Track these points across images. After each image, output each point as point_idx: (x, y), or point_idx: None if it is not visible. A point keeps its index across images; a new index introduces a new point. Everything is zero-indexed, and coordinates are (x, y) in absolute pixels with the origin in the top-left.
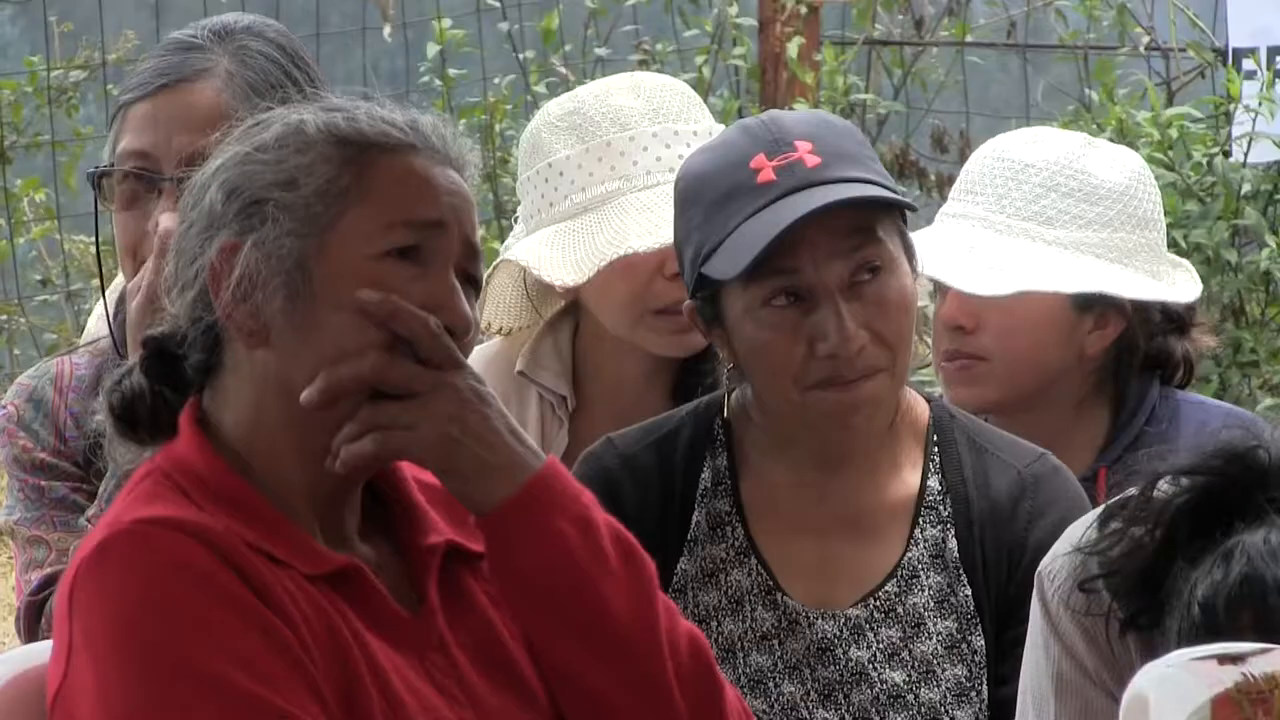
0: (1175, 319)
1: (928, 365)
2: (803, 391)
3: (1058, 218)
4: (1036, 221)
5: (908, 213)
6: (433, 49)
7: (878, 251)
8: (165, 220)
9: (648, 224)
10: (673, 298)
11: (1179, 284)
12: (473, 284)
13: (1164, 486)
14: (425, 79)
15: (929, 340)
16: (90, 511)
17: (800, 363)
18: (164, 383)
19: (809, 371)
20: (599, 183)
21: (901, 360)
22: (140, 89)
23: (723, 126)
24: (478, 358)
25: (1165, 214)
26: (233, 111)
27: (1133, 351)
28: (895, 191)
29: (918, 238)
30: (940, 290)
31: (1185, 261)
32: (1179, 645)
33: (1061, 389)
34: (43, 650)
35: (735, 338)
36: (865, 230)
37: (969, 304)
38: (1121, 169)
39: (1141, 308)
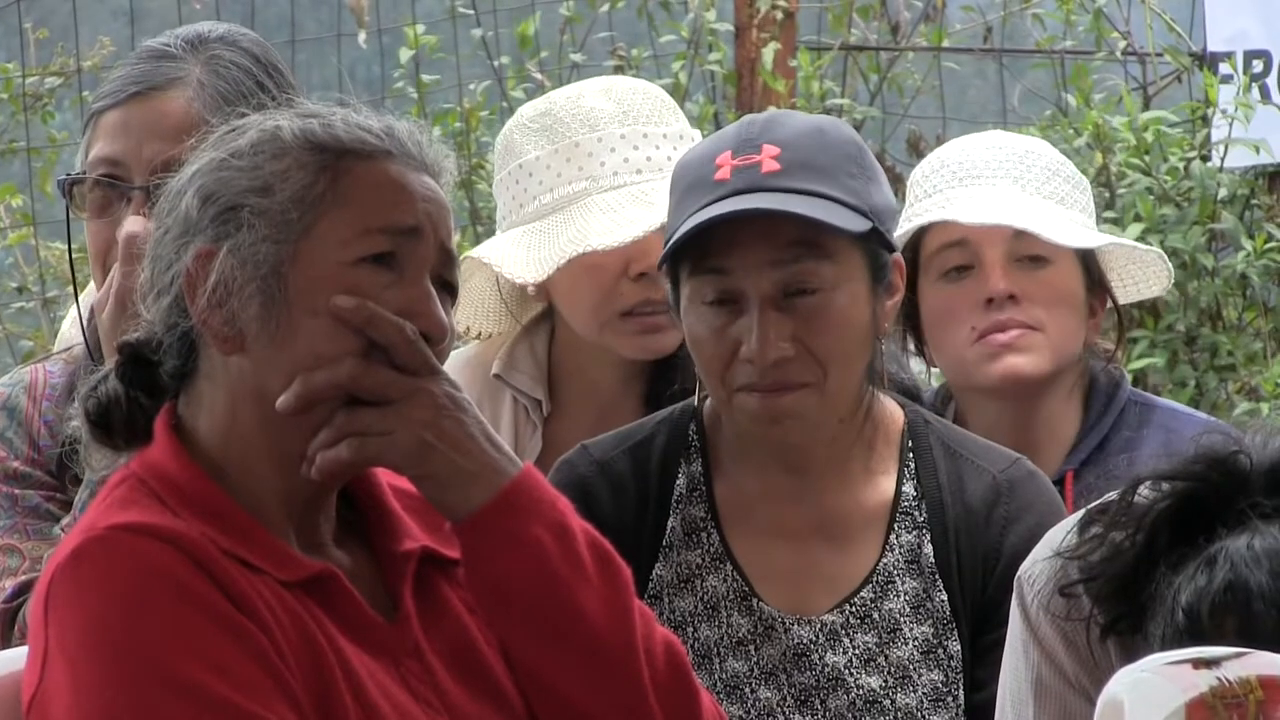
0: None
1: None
2: (729, 393)
3: (1066, 199)
4: (1054, 200)
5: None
6: (406, 54)
7: (817, 268)
8: (130, 225)
9: (610, 223)
10: (639, 298)
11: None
12: (449, 290)
13: (1145, 491)
14: (399, 85)
15: None
16: (65, 521)
17: (726, 364)
18: (139, 388)
19: (734, 374)
20: (566, 183)
21: (836, 378)
22: (112, 97)
23: (698, 131)
24: (454, 361)
25: (1142, 218)
26: (204, 120)
27: (1116, 341)
28: (865, 213)
29: (944, 213)
30: (946, 281)
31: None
32: (1162, 650)
33: (1067, 375)
34: (18, 656)
35: (684, 328)
36: (808, 245)
37: (1014, 274)
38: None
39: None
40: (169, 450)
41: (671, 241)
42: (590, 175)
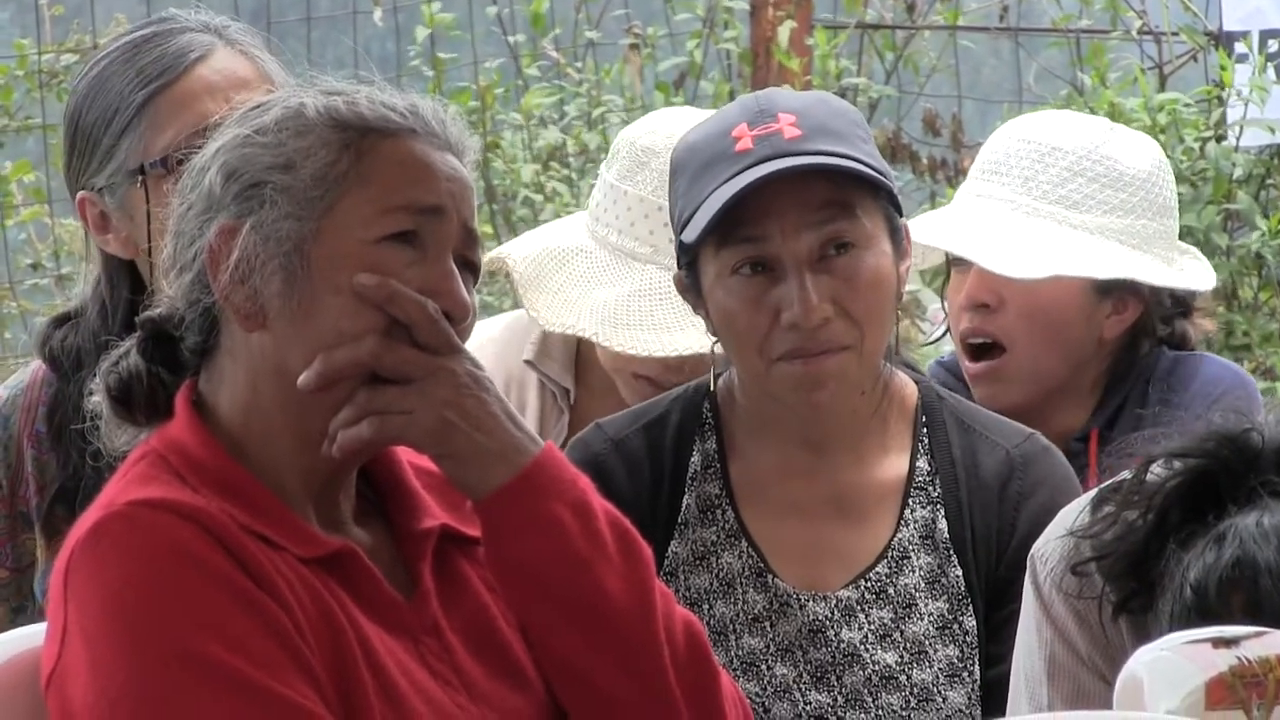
0: (1180, 302)
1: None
2: (768, 363)
3: (1083, 202)
4: (1063, 205)
5: (898, 197)
6: (422, 33)
7: (850, 227)
8: None
9: (639, 314)
10: (652, 371)
11: (1189, 270)
12: (471, 269)
13: (1157, 470)
14: (415, 63)
15: (923, 326)
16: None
17: (764, 334)
18: (161, 364)
19: (773, 343)
20: (633, 238)
21: (871, 339)
22: (168, 73)
23: None
24: (480, 333)
25: None
26: (268, 76)
27: (1148, 335)
28: (881, 174)
29: (939, 216)
30: (957, 271)
31: (1193, 249)
32: (1171, 628)
33: (1080, 376)
34: (37, 633)
35: (710, 307)
36: (839, 204)
37: (992, 282)
38: (1145, 157)
39: (1155, 292)
40: (189, 426)
41: (712, 215)
42: (655, 245)
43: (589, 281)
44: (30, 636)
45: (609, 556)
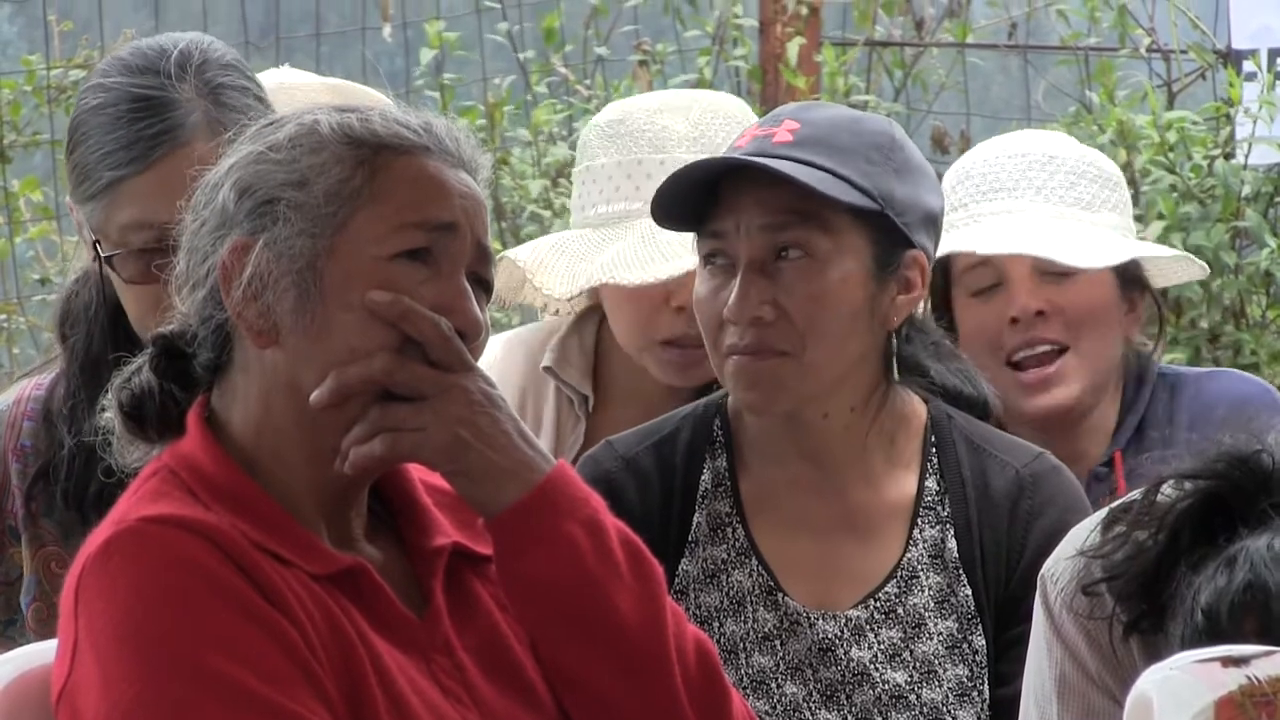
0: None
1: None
2: (721, 359)
3: (1093, 202)
4: (1079, 206)
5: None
6: (427, 54)
7: (807, 237)
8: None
9: (647, 256)
10: (678, 331)
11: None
12: (484, 287)
13: (1167, 490)
14: (420, 82)
15: None
16: None
17: (717, 326)
18: (173, 380)
19: (723, 338)
20: (622, 199)
21: (814, 351)
22: (132, 165)
23: None
24: (502, 342)
25: (1164, 216)
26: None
27: (1157, 334)
28: (870, 195)
29: (971, 232)
30: (978, 300)
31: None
32: (1182, 650)
33: (1114, 375)
34: (48, 649)
35: None
36: (800, 213)
37: (1041, 291)
38: (1106, 159)
39: (1152, 292)
40: (201, 443)
41: (657, 192)
42: (645, 198)
43: (591, 250)
44: (41, 653)
45: (621, 575)
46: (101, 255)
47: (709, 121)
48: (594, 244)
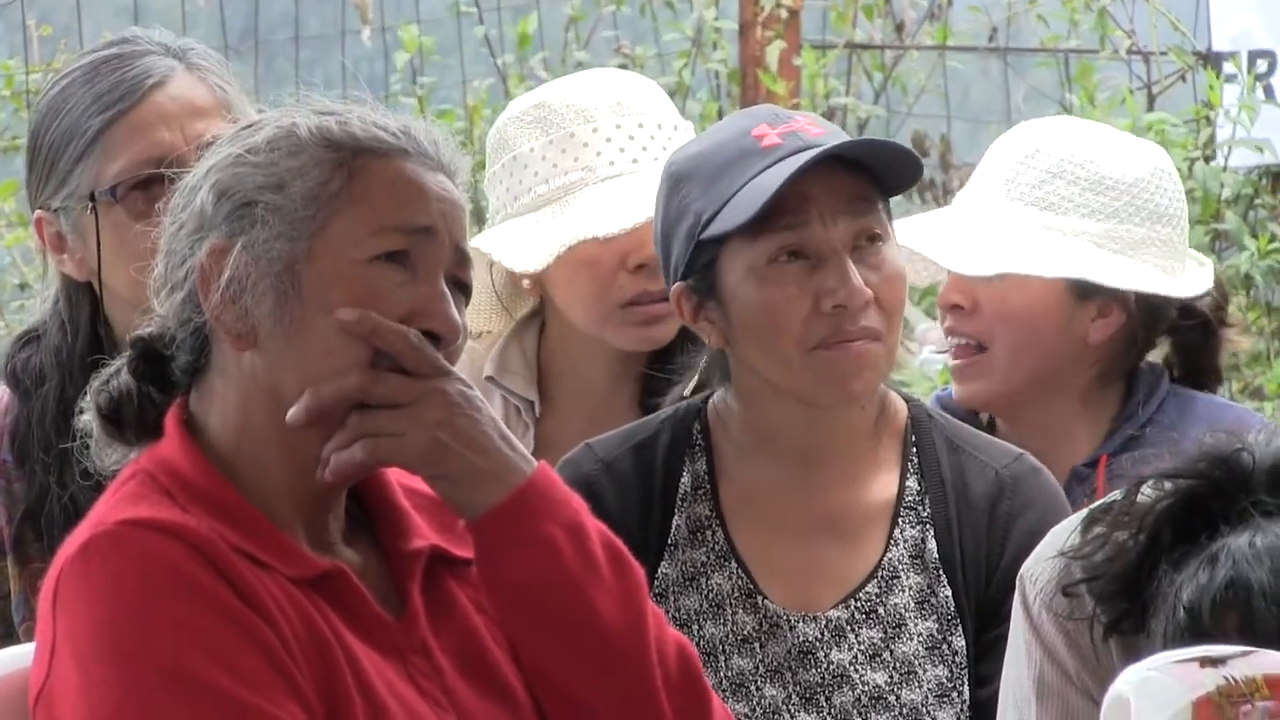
0: (1195, 316)
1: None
2: (804, 353)
3: (1060, 204)
4: (1038, 206)
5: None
6: (402, 58)
7: (878, 220)
8: None
9: (609, 212)
10: (638, 289)
11: (1187, 279)
12: (463, 290)
13: (1148, 490)
14: (396, 87)
15: (910, 346)
16: None
17: (803, 321)
18: (151, 383)
19: (811, 331)
20: (562, 174)
21: (892, 335)
22: (124, 100)
23: (690, 123)
24: None
25: None
26: (227, 104)
27: (1134, 343)
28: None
29: (922, 219)
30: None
31: (1210, 261)
32: (1164, 649)
33: (1067, 378)
34: (25, 653)
35: (733, 305)
36: (865, 198)
37: (964, 284)
38: (1139, 163)
39: (1148, 301)
40: (180, 446)
41: (766, 199)
42: (586, 165)
43: (547, 225)
44: (18, 656)
45: (602, 577)
46: (98, 200)
47: (624, 88)
48: (548, 220)
